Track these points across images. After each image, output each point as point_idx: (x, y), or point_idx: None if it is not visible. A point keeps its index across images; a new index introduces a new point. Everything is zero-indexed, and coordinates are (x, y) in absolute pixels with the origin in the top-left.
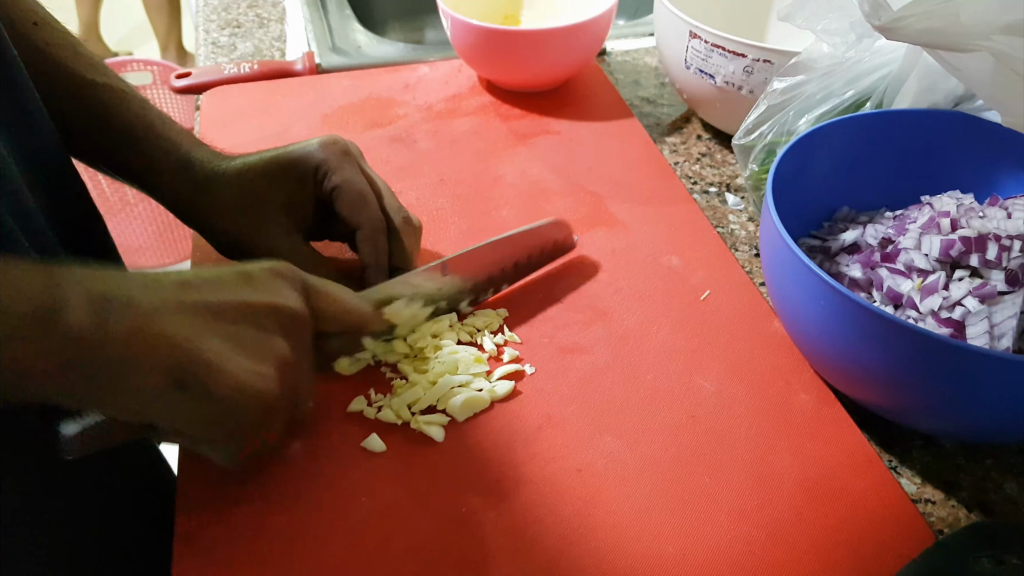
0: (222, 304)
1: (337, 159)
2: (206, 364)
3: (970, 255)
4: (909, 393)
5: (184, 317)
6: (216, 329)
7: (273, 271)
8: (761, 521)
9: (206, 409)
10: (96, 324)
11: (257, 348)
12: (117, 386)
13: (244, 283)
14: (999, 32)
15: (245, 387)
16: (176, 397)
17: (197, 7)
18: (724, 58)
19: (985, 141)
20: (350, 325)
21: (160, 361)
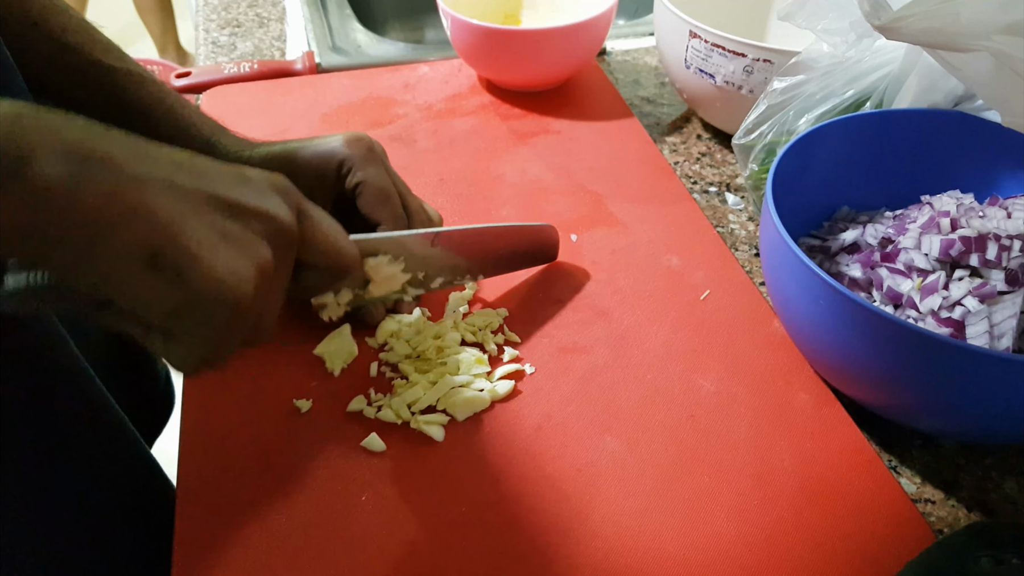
0: (215, 195)
1: (362, 156)
2: (186, 248)
3: (970, 255)
4: (909, 393)
5: (171, 196)
6: (203, 217)
7: (272, 182)
8: (761, 521)
9: (174, 296)
10: (69, 180)
11: (241, 248)
12: (83, 252)
13: (241, 182)
14: (999, 32)
15: (221, 282)
16: (145, 277)
17: (197, 7)
18: (724, 58)
19: (985, 141)
20: (333, 263)
21: (136, 234)
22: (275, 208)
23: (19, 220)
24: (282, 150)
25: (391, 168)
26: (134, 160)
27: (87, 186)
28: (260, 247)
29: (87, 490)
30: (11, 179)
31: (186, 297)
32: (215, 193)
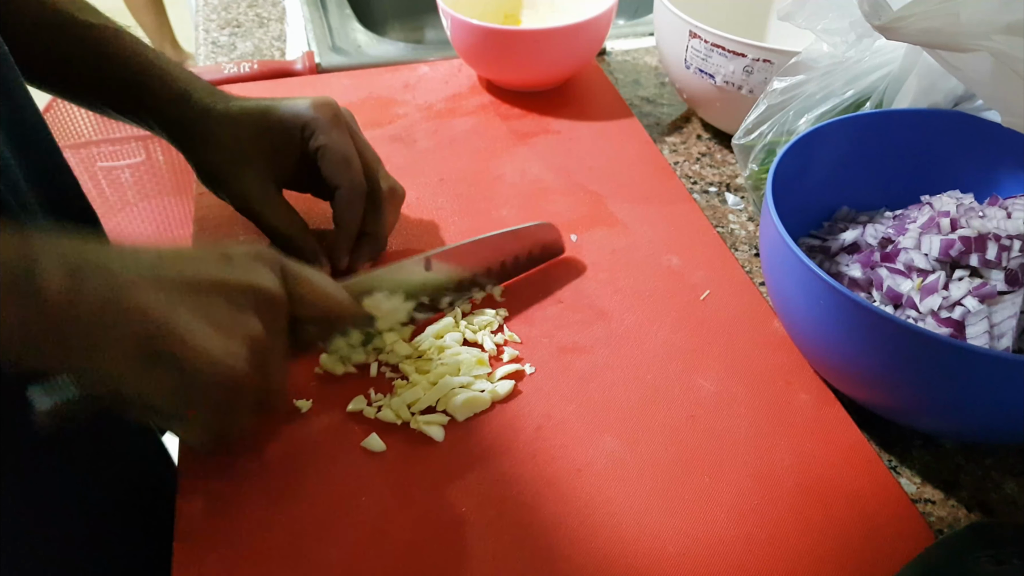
0: (198, 280)
1: (326, 120)
2: (178, 336)
3: (970, 255)
4: (909, 393)
5: (159, 289)
6: (189, 303)
7: (252, 254)
8: (761, 521)
9: (175, 382)
10: (70, 290)
11: (229, 325)
12: (89, 353)
13: (222, 262)
14: (999, 32)
15: (215, 361)
16: (146, 368)
17: (197, 7)
18: (724, 58)
19: (985, 141)
20: (327, 311)
21: (132, 330)
22: (258, 279)
23: (27, 328)
24: (255, 107)
25: (360, 136)
26: (123, 265)
27: (87, 293)
28: (248, 320)
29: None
30: (19, 291)
31: (185, 381)
32: (199, 278)
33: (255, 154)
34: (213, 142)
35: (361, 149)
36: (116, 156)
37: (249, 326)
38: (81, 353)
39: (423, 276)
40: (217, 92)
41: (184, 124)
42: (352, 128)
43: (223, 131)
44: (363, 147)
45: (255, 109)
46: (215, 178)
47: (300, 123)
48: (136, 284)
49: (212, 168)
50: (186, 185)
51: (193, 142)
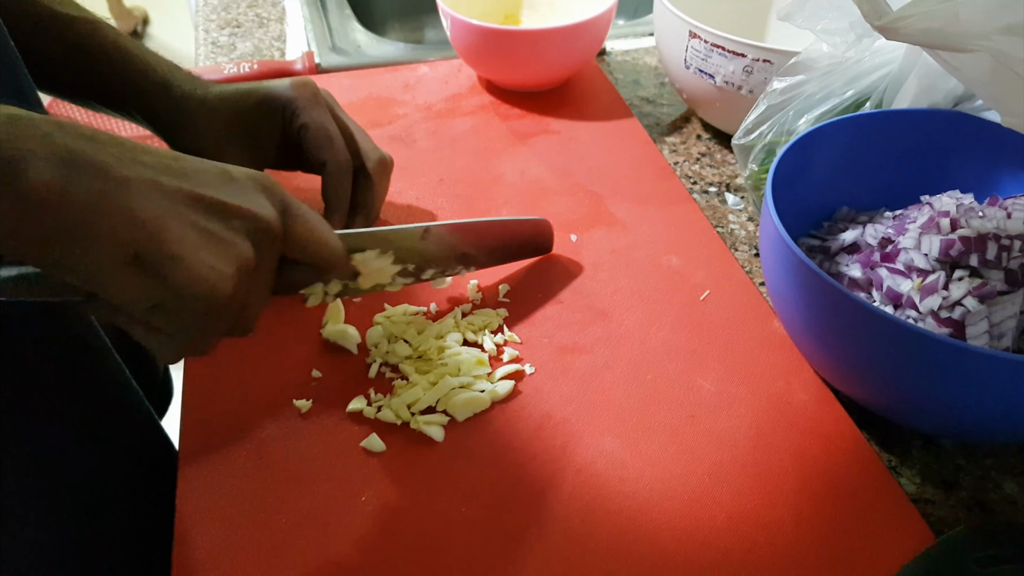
0: (198, 195)
1: (306, 100)
2: (167, 248)
3: (970, 255)
4: (908, 393)
5: (155, 197)
6: (185, 217)
7: (256, 180)
8: (760, 521)
9: (156, 293)
10: (59, 184)
11: (222, 247)
12: (71, 250)
13: (225, 182)
14: (998, 32)
15: (200, 280)
16: (128, 274)
17: (197, 7)
18: (724, 58)
19: (985, 141)
20: (318, 259)
21: (121, 234)
22: (258, 207)
23: (7, 221)
24: (233, 92)
25: (341, 113)
26: (120, 163)
27: (75, 190)
28: (241, 245)
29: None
30: (3, 183)
31: (166, 294)
32: (198, 193)
33: (235, 137)
34: (192, 128)
35: (343, 124)
36: None
37: (241, 251)
38: (63, 250)
39: (418, 244)
40: (198, 80)
41: (165, 113)
42: (331, 105)
43: (202, 117)
44: (345, 122)
45: (233, 93)
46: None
47: (279, 104)
48: (130, 185)
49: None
50: None
51: (173, 130)
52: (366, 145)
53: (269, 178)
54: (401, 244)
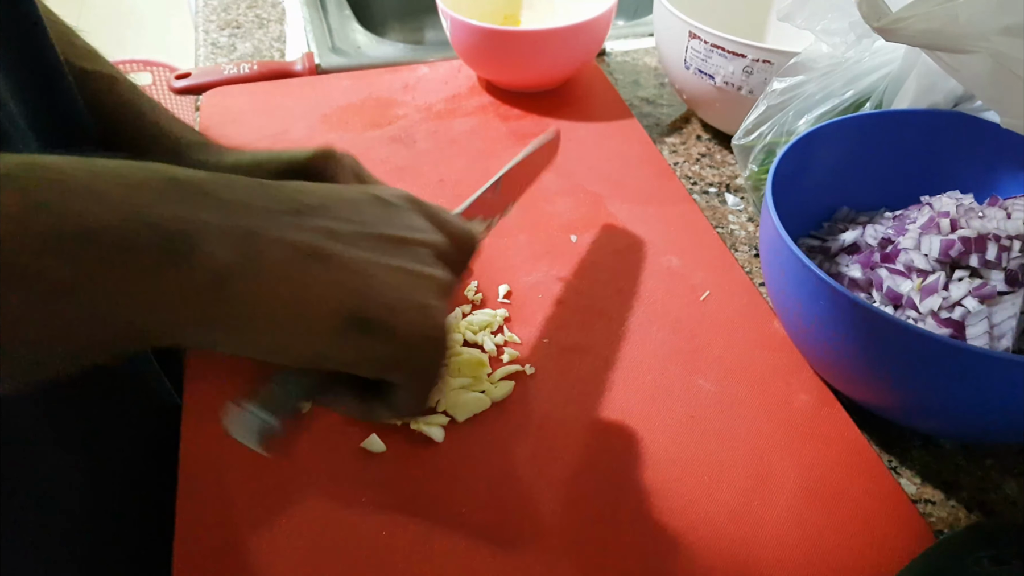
0: (379, 235)
1: (330, 173)
2: (381, 298)
3: (970, 255)
4: (909, 393)
5: (343, 250)
6: (380, 263)
7: (405, 198)
8: (760, 521)
9: (384, 349)
10: (241, 261)
11: (425, 281)
12: (279, 328)
13: (387, 210)
14: (998, 33)
15: (425, 321)
16: (349, 339)
17: (197, 8)
18: (724, 58)
19: (985, 141)
20: (471, 254)
21: (329, 301)
22: (427, 231)
23: (190, 303)
24: (250, 161)
25: (367, 175)
26: (288, 225)
27: (261, 266)
28: (438, 274)
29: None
30: (176, 265)
31: (395, 347)
32: (378, 233)
33: None
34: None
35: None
36: None
37: (440, 278)
38: (268, 332)
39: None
40: (211, 147)
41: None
42: (358, 172)
43: None
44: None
45: (249, 163)
46: None
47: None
48: (319, 252)
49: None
50: None
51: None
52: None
53: (408, 194)
54: (487, 202)
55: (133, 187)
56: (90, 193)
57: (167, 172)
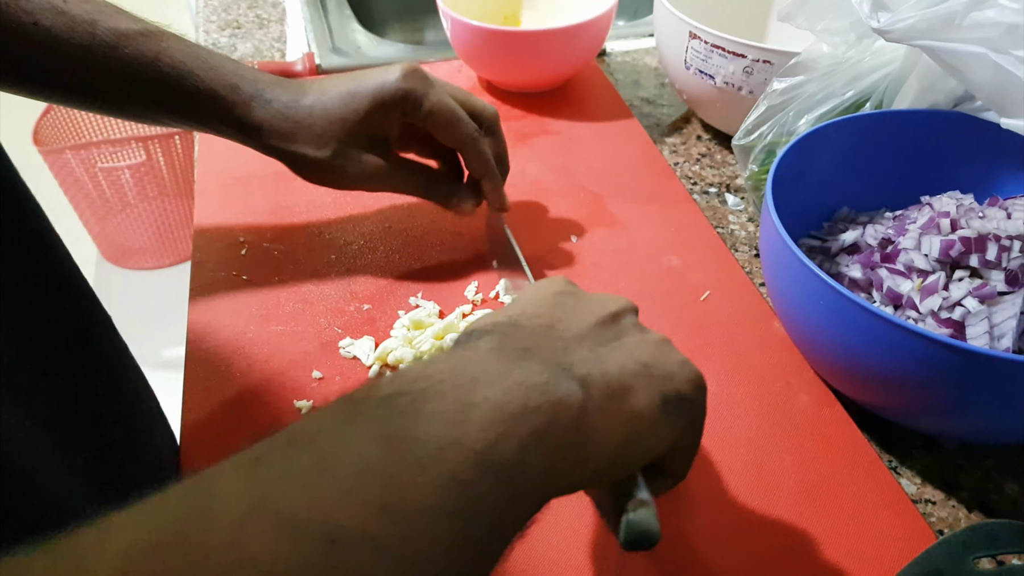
0: (601, 319)
1: (423, 88)
2: (661, 369)
3: (970, 255)
4: (909, 394)
5: (617, 350)
6: (635, 345)
7: (566, 281)
8: (761, 521)
9: (688, 415)
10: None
11: (659, 340)
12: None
13: (575, 295)
14: (998, 33)
15: (696, 375)
16: (669, 422)
17: (197, 8)
18: (724, 58)
19: (985, 141)
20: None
21: (649, 396)
22: (615, 299)
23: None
24: (341, 93)
25: (440, 81)
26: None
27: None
28: (652, 332)
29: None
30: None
31: (691, 409)
32: (602, 320)
33: (354, 138)
34: (306, 138)
35: (453, 94)
36: (116, 157)
37: (657, 335)
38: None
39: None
40: (288, 84)
41: (269, 127)
42: (435, 79)
43: (316, 126)
44: (452, 91)
45: (343, 95)
46: (328, 173)
47: (397, 98)
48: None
49: (314, 161)
50: (186, 186)
51: (284, 141)
52: (476, 104)
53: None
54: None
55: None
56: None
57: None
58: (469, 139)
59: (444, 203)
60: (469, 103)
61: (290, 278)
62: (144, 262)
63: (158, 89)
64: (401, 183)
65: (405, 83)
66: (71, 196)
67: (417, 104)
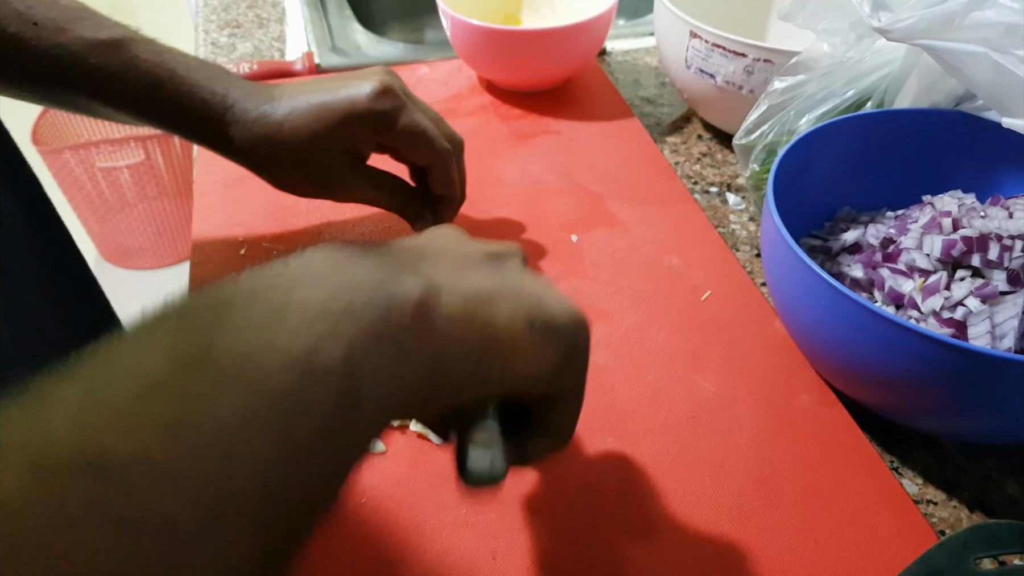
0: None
1: (396, 107)
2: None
3: (972, 255)
4: (910, 394)
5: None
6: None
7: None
8: (762, 522)
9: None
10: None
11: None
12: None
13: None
14: (999, 33)
15: (573, 309)
16: (533, 344)
17: (197, 8)
18: (724, 58)
19: (986, 141)
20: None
21: (514, 316)
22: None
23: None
24: (311, 107)
25: (416, 99)
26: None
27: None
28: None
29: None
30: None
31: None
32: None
33: (325, 151)
34: (276, 154)
35: (426, 113)
36: (115, 157)
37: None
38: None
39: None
40: (260, 92)
41: (239, 140)
42: (409, 95)
43: (285, 140)
44: (424, 110)
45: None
46: (298, 189)
47: (368, 117)
48: (480, 288)
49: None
50: (185, 186)
51: (253, 153)
52: (447, 129)
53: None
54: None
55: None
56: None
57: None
58: (440, 158)
59: (411, 221)
60: (441, 127)
61: None
62: (143, 262)
63: (128, 99)
64: (373, 198)
65: (376, 104)
66: (70, 196)
67: (389, 124)
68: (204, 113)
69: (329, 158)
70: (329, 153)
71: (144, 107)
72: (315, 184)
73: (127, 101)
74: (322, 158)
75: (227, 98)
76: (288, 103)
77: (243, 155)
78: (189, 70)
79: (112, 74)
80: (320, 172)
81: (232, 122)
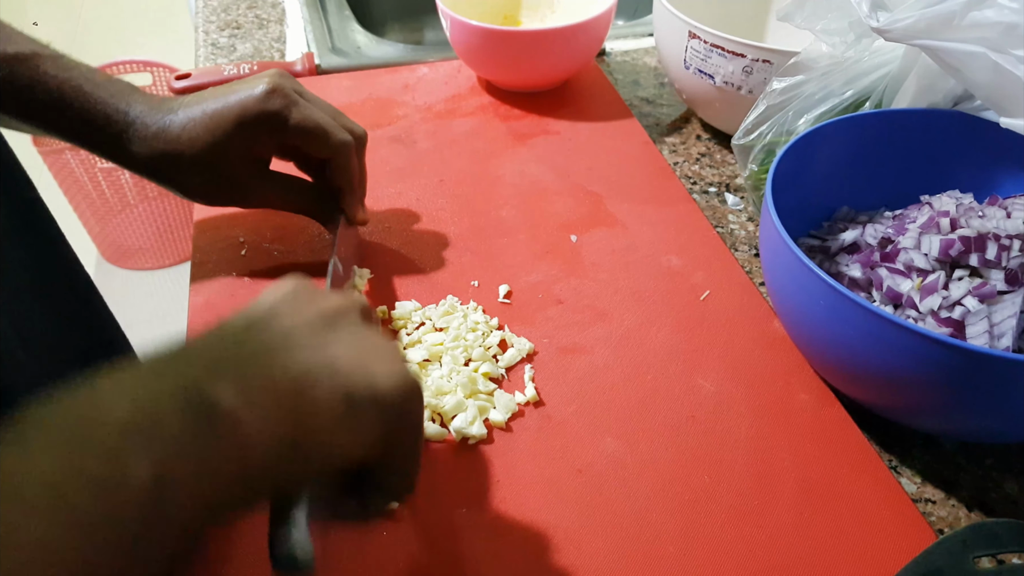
0: (321, 312)
1: (285, 107)
2: (362, 375)
3: (969, 255)
4: (909, 393)
5: (307, 345)
6: (336, 337)
7: (299, 282)
8: (761, 521)
9: (388, 423)
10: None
11: (373, 339)
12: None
13: (305, 285)
14: (997, 33)
15: (406, 378)
16: (349, 423)
17: (196, 8)
18: (723, 58)
19: (984, 141)
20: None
21: (330, 395)
22: (341, 298)
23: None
24: (205, 116)
25: (308, 94)
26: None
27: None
28: (378, 332)
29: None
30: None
31: (387, 412)
32: (320, 309)
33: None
34: (178, 165)
35: (322, 108)
36: None
37: (383, 336)
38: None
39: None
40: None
41: (140, 154)
42: (301, 92)
43: (186, 152)
44: (323, 106)
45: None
46: (209, 193)
47: (261, 120)
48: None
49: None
50: None
51: (155, 165)
52: (346, 122)
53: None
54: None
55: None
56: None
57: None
58: (339, 149)
59: (324, 223)
60: (340, 120)
61: None
62: (144, 262)
63: (35, 113)
64: (283, 201)
65: (266, 104)
66: (71, 197)
67: (281, 123)
68: (108, 129)
69: (231, 165)
70: (229, 159)
71: (50, 121)
72: (222, 192)
73: (33, 114)
74: (224, 165)
75: (128, 114)
76: (184, 114)
77: (147, 169)
78: (95, 86)
79: (20, 88)
80: (224, 180)
81: (134, 138)
